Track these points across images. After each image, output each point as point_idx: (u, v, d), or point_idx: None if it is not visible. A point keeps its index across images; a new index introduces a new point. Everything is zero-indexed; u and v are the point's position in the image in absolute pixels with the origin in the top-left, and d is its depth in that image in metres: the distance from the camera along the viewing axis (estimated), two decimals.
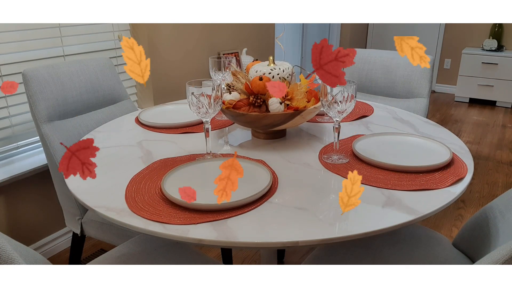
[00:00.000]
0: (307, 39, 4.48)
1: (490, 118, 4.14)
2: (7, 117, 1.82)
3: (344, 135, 1.34)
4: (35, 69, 1.51)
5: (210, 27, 2.71)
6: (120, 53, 2.29)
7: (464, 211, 2.43)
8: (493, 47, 4.48)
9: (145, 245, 1.26)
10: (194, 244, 0.84)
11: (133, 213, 0.89)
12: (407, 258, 1.18)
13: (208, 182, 1.01)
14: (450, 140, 1.29)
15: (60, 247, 2.05)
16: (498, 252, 0.66)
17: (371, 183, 1.02)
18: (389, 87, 2.02)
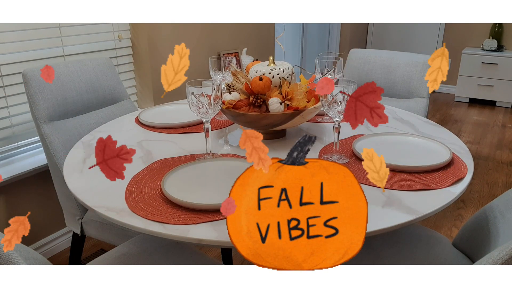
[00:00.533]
0: (307, 39, 4.48)
1: (490, 118, 4.14)
2: (7, 117, 1.82)
3: (344, 135, 1.34)
4: (35, 69, 1.51)
5: (210, 27, 2.71)
6: (120, 53, 2.28)
7: (464, 211, 2.43)
8: (493, 47, 4.48)
9: (145, 245, 1.26)
10: (194, 244, 0.84)
11: (133, 213, 0.89)
12: (407, 258, 1.18)
13: (208, 182, 1.01)
14: (450, 140, 1.29)
15: (60, 247, 2.05)
16: (498, 252, 0.66)
17: (371, 183, 1.02)
18: (389, 87, 2.02)
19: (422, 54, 1.97)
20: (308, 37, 4.50)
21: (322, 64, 1.45)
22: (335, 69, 1.44)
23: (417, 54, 1.98)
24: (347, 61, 2.14)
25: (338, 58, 1.44)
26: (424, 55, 1.96)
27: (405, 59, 1.99)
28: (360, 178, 1.05)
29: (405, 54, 2.00)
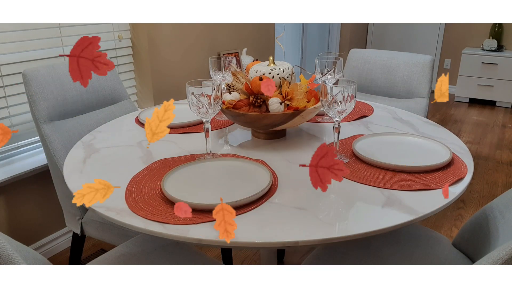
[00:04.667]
0: (307, 39, 4.48)
1: (490, 118, 4.14)
2: (7, 117, 1.82)
3: (344, 135, 1.34)
4: (35, 69, 1.51)
5: (210, 27, 2.71)
6: (120, 53, 2.29)
7: (464, 211, 2.43)
8: (493, 47, 4.48)
9: (145, 245, 1.26)
10: (194, 244, 0.84)
11: (133, 213, 0.89)
12: (407, 258, 1.18)
13: (208, 182, 1.01)
14: (450, 140, 1.29)
15: (60, 247, 2.05)
16: (498, 252, 0.66)
17: (371, 183, 1.02)
18: (389, 87, 2.02)
19: (422, 54, 1.97)
20: (308, 37, 4.50)
21: (322, 64, 1.45)
22: (335, 69, 1.44)
23: (417, 54, 1.98)
24: (347, 61, 2.14)
25: (338, 58, 1.44)
26: (424, 55, 1.96)
27: (405, 59, 1.99)
28: (360, 178, 1.05)
29: (405, 54, 2.00)
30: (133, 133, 1.39)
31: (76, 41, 0.50)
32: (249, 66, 1.36)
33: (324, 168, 0.58)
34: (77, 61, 0.51)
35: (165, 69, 2.46)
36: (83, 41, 0.50)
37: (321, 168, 0.58)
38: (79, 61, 0.51)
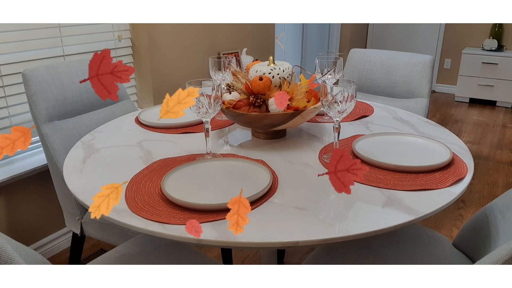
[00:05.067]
0: (307, 39, 4.48)
1: (490, 118, 4.14)
2: (7, 117, 1.82)
3: (344, 135, 1.34)
4: (35, 69, 1.51)
5: (210, 27, 2.71)
6: (120, 53, 2.28)
7: (464, 211, 2.43)
8: (493, 47, 4.48)
9: (145, 245, 1.26)
10: (194, 244, 0.84)
11: (133, 213, 0.89)
12: (407, 258, 1.18)
13: (208, 182, 1.01)
14: (450, 140, 1.29)
15: (60, 247, 2.05)
16: (498, 252, 0.66)
17: (371, 183, 1.02)
18: (389, 87, 2.02)
19: (422, 54, 1.97)
20: (308, 37, 4.50)
21: (322, 64, 1.45)
22: (335, 69, 1.44)
23: (417, 54, 1.98)
24: (347, 61, 2.14)
25: (338, 58, 1.44)
26: (424, 55, 1.96)
27: (405, 59, 1.99)
28: (360, 178, 1.05)
29: (405, 54, 2.00)
30: (133, 133, 1.39)
31: (89, 63, 0.50)
32: (249, 66, 1.36)
33: (343, 171, 0.58)
34: (98, 80, 0.51)
35: (165, 69, 2.46)
36: (95, 59, 0.50)
37: (340, 172, 0.58)
38: (100, 79, 0.51)
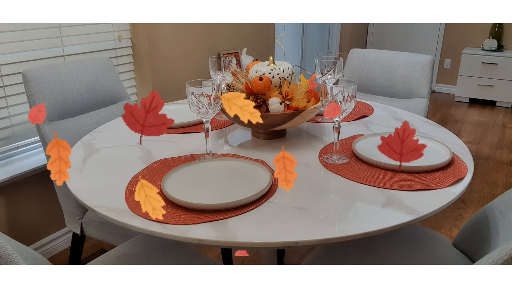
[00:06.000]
0: (307, 39, 4.48)
1: (490, 118, 4.14)
2: (7, 117, 1.82)
3: (344, 135, 1.34)
4: (35, 69, 1.51)
5: (210, 27, 2.71)
6: (120, 53, 2.28)
7: (464, 211, 2.43)
8: (493, 47, 4.47)
9: (145, 245, 1.26)
10: (194, 244, 0.84)
11: (133, 213, 0.89)
12: (407, 258, 1.18)
13: (208, 182, 1.01)
14: (450, 140, 1.29)
15: (60, 247, 2.05)
16: (498, 252, 0.66)
17: (371, 183, 1.02)
18: (389, 87, 2.02)
19: (422, 54, 1.97)
20: (308, 37, 4.50)
21: (322, 64, 1.45)
22: (335, 69, 1.44)
23: (417, 54, 1.98)
24: (347, 61, 2.14)
25: (338, 58, 1.44)
26: (424, 55, 1.96)
27: (405, 59, 1.99)
28: (360, 178, 1.05)
29: (405, 54, 2.00)
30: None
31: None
32: (249, 66, 1.36)
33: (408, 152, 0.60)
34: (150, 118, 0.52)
35: (165, 69, 2.46)
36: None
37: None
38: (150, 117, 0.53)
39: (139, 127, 0.52)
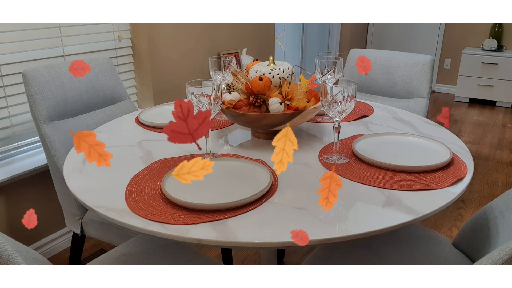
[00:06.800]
0: (307, 39, 4.48)
1: (490, 118, 4.14)
2: (7, 117, 1.82)
3: (344, 135, 1.34)
4: (35, 69, 1.51)
5: (210, 27, 2.71)
6: (120, 53, 2.28)
7: (464, 211, 2.43)
8: (493, 47, 4.47)
9: (145, 245, 1.26)
10: (194, 244, 0.84)
11: (133, 213, 0.89)
12: (407, 258, 1.18)
13: (208, 182, 1.01)
14: (450, 140, 1.29)
15: (60, 247, 2.05)
16: (498, 252, 0.66)
17: (371, 183, 1.02)
18: (389, 87, 2.02)
19: (422, 54, 1.97)
20: (308, 37, 4.50)
21: (322, 64, 1.45)
22: (335, 69, 1.44)
23: (417, 54, 1.98)
24: (347, 61, 2.14)
25: (338, 58, 1.44)
26: (424, 55, 1.96)
27: (405, 59, 1.99)
28: (360, 178, 1.05)
29: (405, 54, 2.00)
30: (133, 133, 1.39)
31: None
32: (249, 66, 1.36)
33: None
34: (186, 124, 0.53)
35: (165, 69, 2.46)
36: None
37: None
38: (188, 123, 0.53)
39: (190, 137, 0.53)
